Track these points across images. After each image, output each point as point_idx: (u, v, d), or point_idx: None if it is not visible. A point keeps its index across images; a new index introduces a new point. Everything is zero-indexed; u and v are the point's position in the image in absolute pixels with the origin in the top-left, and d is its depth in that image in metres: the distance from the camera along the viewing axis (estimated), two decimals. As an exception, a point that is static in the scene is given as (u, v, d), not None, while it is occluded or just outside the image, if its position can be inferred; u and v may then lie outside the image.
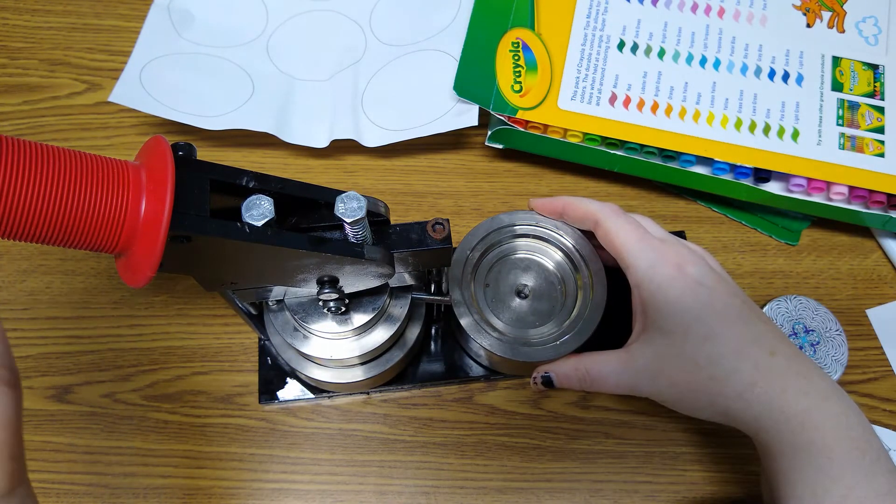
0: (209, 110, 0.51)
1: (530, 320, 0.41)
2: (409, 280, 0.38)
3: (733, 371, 0.34)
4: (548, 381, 0.39)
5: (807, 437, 0.33)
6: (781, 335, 0.36)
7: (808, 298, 0.48)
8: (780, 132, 0.49)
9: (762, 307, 0.48)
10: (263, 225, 0.29)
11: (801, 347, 0.46)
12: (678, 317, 0.35)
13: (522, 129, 0.49)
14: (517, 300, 0.41)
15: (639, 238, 0.37)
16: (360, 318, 0.38)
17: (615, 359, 0.37)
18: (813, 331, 0.47)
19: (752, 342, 0.35)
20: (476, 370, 0.46)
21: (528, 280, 0.42)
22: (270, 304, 0.39)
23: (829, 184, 0.48)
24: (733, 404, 0.35)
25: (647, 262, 0.36)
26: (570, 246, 0.42)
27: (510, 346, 0.39)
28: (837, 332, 0.47)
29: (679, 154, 0.49)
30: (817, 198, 0.49)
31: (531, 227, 0.42)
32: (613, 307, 0.40)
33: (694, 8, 0.53)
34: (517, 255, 0.43)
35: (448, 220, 0.34)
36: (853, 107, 0.50)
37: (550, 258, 0.42)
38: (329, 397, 0.45)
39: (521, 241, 0.43)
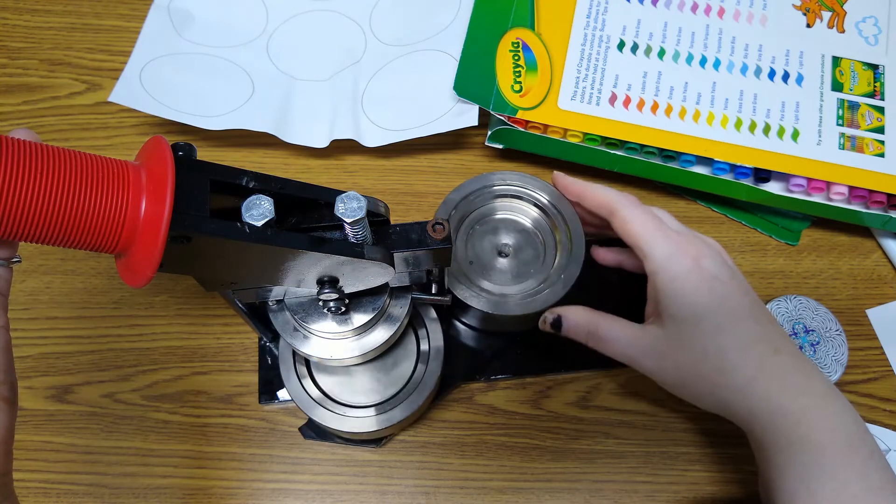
0: (209, 110, 0.51)
1: (521, 271, 0.43)
2: (408, 280, 0.38)
3: (739, 364, 0.35)
4: (557, 324, 0.40)
5: (802, 433, 0.33)
6: (785, 335, 0.37)
7: (809, 298, 0.48)
8: (780, 132, 0.49)
9: (766, 304, 0.48)
10: (263, 225, 0.29)
11: (801, 347, 0.46)
12: (692, 307, 0.36)
13: (522, 129, 0.49)
14: (500, 259, 0.43)
15: (656, 228, 0.38)
16: (360, 318, 0.38)
17: (628, 329, 0.38)
18: (813, 331, 0.47)
19: (759, 340, 0.36)
20: (475, 371, 0.46)
21: (508, 240, 0.44)
22: (270, 304, 0.39)
23: (829, 184, 0.48)
24: (733, 397, 0.35)
25: (665, 252, 0.37)
26: (546, 202, 0.44)
27: (501, 302, 0.41)
28: (837, 332, 0.47)
29: (679, 154, 0.49)
30: (817, 198, 0.49)
31: (507, 186, 0.45)
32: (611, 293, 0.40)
33: (694, 8, 0.53)
34: (496, 217, 0.45)
35: (448, 220, 0.34)
36: (853, 107, 0.50)
37: (528, 216, 0.45)
38: (329, 397, 0.45)
39: (498, 203, 0.45)
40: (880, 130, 0.49)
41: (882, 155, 0.49)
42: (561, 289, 0.41)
